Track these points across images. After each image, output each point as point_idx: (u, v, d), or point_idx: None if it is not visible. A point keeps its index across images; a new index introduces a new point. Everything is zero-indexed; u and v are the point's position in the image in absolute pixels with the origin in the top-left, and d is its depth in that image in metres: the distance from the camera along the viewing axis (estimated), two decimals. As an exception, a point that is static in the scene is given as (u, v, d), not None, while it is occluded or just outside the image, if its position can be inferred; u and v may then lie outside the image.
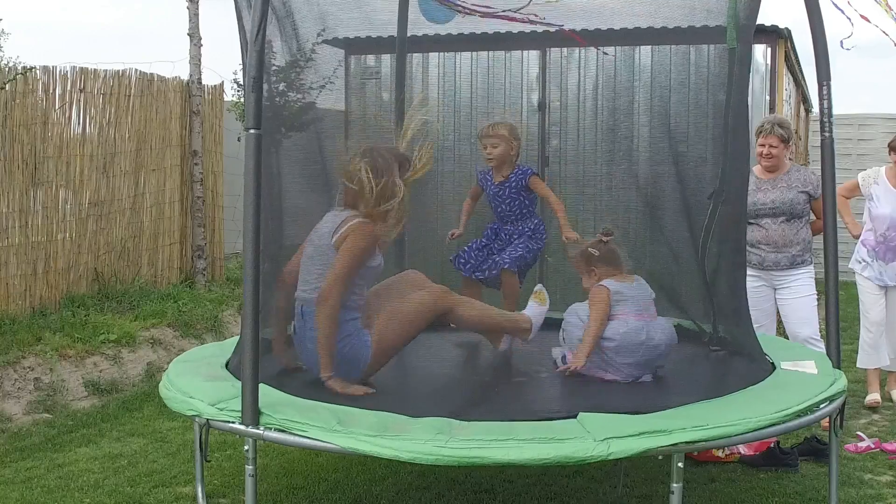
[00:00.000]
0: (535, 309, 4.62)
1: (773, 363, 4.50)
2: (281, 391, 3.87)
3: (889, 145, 6.32)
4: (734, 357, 4.67)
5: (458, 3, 5.24)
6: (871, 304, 6.23)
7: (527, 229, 5.11)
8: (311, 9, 4.86)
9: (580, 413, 3.58)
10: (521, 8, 5.11)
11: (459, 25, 5.44)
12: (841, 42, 4.50)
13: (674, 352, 4.43)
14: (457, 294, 4.55)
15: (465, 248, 5.20)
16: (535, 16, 5.11)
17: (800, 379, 4.20)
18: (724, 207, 4.85)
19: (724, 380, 4.36)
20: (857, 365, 6.33)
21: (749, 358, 4.57)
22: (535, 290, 4.69)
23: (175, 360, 4.79)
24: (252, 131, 3.51)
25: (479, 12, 5.23)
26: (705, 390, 4.09)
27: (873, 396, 6.19)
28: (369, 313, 4.24)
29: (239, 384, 3.69)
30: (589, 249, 4.42)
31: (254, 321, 3.54)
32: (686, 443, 3.44)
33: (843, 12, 4.35)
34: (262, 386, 3.66)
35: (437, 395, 4.22)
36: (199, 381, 4.11)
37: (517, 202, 5.10)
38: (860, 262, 6.27)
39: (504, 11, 5.18)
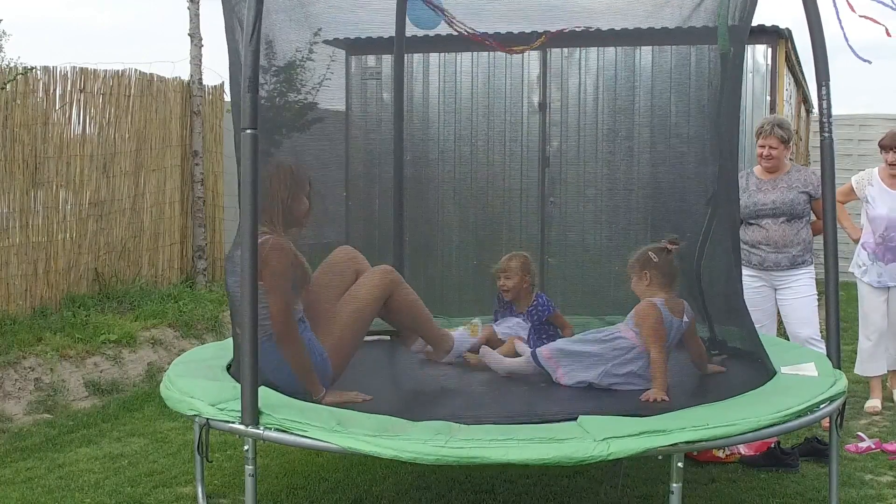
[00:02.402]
0: (463, 335, 4.49)
1: (774, 368, 4.49)
2: (280, 392, 3.86)
3: (879, 144, 6.22)
4: (736, 360, 4.66)
5: (447, 15, 5.24)
6: (872, 309, 6.18)
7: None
8: (311, 9, 4.86)
9: (580, 416, 3.58)
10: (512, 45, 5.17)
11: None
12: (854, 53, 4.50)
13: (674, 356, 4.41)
14: (399, 274, 4.46)
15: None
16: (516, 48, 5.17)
17: (800, 381, 4.19)
18: (721, 209, 4.85)
19: (726, 384, 4.34)
20: (855, 371, 6.24)
21: (752, 359, 4.56)
22: (472, 321, 4.57)
23: (176, 360, 4.79)
24: (248, 131, 3.50)
25: (462, 29, 5.24)
26: (706, 395, 4.08)
27: (873, 403, 6.15)
28: (313, 313, 4.14)
29: (239, 385, 3.68)
30: (649, 253, 4.26)
31: (252, 322, 3.54)
32: (686, 443, 3.44)
33: (840, 23, 4.35)
34: (261, 388, 3.65)
35: (435, 402, 4.20)
36: (199, 382, 4.11)
37: (543, 332, 4.98)
38: (860, 267, 6.20)
39: (484, 36, 5.20)
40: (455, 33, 5.28)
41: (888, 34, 4.58)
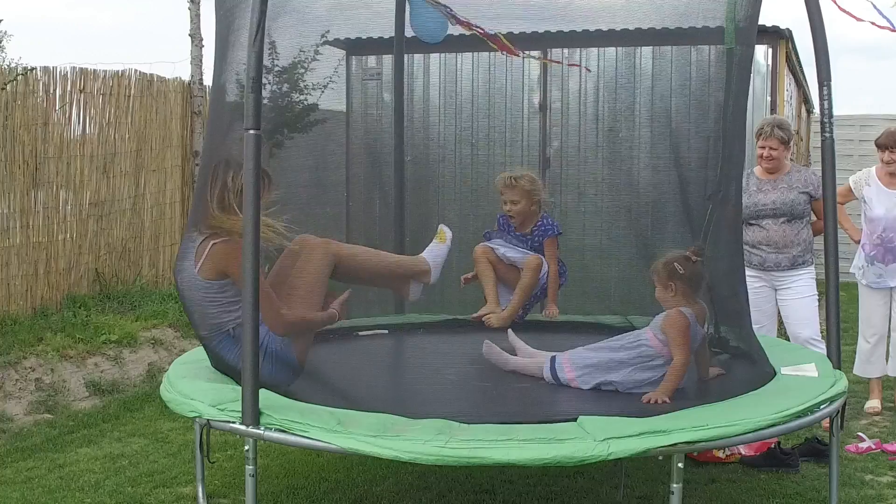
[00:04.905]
0: (434, 249, 4.43)
1: (773, 369, 4.48)
2: (281, 395, 3.86)
3: (876, 143, 6.16)
4: (736, 360, 4.66)
5: (453, 13, 5.24)
6: (872, 311, 6.14)
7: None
8: (312, 9, 4.86)
9: (580, 417, 3.57)
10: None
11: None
12: None
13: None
14: (342, 243, 4.40)
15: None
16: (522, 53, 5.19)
17: (800, 382, 4.19)
18: (723, 208, 4.85)
19: (725, 385, 4.33)
20: (854, 372, 6.18)
21: (751, 361, 4.56)
22: (438, 229, 4.49)
23: (175, 361, 4.79)
24: (251, 132, 3.51)
25: (469, 25, 5.25)
26: (706, 396, 4.08)
27: (873, 403, 6.13)
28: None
29: (239, 387, 3.69)
30: (675, 264, 4.21)
31: (252, 322, 3.54)
32: (686, 443, 3.44)
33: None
34: (262, 390, 3.66)
35: (437, 400, 4.21)
36: (199, 383, 4.11)
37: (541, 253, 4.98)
38: (860, 269, 6.17)
39: (492, 33, 5.21)
40: (458, 33, 5.29)
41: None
